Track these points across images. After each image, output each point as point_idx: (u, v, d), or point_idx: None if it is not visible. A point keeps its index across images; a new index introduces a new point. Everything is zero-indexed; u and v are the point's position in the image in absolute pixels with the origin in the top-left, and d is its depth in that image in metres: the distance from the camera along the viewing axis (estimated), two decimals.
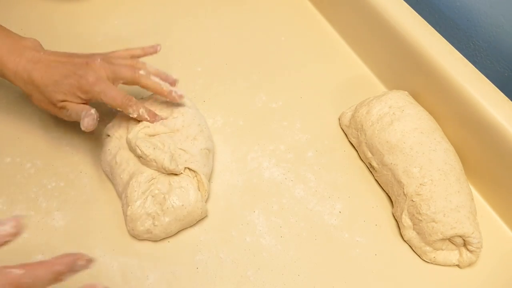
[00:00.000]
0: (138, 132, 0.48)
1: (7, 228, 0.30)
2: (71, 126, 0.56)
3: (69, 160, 0.53)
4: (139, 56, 0.52)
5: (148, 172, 0.47)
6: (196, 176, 0.49)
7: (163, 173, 0.47)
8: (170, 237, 0.48)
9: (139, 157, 0.47)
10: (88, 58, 0.48)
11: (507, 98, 0.50)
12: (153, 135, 0.49)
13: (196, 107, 0.55)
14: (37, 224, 0.47)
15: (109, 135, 0.51)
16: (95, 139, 0.54)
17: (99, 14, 0.70)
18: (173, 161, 0.47)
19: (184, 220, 0.46)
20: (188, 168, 0.48)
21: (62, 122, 0.56)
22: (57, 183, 0.51)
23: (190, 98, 0.56)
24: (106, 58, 0.49)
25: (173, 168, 0.46)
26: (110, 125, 0.52)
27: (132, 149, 0.48)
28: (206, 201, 0.50)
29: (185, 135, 0.50)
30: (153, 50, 0.53)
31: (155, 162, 0.46)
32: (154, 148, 0.47)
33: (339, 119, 0.59)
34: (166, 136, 0.49)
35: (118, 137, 0.50)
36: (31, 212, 0.48)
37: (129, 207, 0.45)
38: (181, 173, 0.48)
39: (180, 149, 0.49)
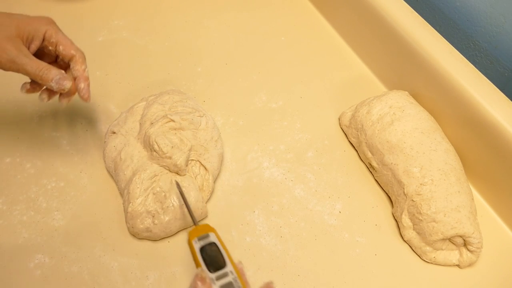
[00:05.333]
0: (160, 126, 0.48)
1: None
2: (71, 126, 0.56)
3: (69, 160, 0.53)
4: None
5: (151, 169, 0.47)
6: (205, 175, 0.49)
7: (170, 170, 0.48)
8: (170, 236, 0.47)
9: (153, 151, 0.47)
10: None
11: (507, 98, 0.50)
12: (177, 129, 0.49)
13: None
14: (37, 224, 0.47)
15: (114, 132, 0.51)
16: (95, 139, 0.54)
17: (99, 14, 0.70)
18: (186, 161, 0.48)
19: (184, 220, 0.46)
20: (204, 166, 0.49)
21: (63, 122, 0.56)
22: (57, 183, 0.51)
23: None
24: None
25: (184, 169, 0.47)
26: (115, 122, 0.52)
27: (148, 143, 0.48)
28: (207, 201, 0.50)
29: (210, 136, 0.51)
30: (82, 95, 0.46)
31: (171, 159, 0.47)
32: (172, 147, 0.47)
33: (339, 119, 0.59)
34: (190, 132, 0.50)
35: (124, 133, 0.51)
36: (31, 212, 0.48)
37: (130, 204, 0.45)
38: (185, 174, 0.48)
39: (204, 147, 0.50)
